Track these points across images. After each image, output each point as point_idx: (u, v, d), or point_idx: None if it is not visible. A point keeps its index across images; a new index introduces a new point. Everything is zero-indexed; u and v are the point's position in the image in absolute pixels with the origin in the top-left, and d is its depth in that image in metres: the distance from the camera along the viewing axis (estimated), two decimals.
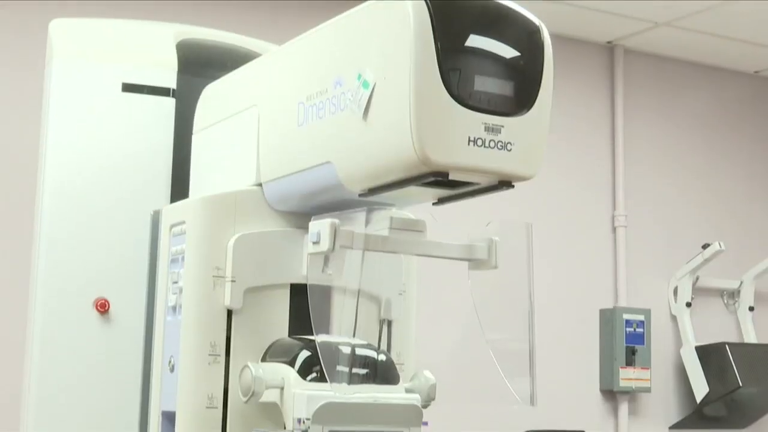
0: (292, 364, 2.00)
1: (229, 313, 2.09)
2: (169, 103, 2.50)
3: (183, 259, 2.13)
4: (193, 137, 2.41)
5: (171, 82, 2.50)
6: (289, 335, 2.12)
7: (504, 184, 1.88)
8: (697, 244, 4.99)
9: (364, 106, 1.84)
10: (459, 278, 2.08)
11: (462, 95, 1.77)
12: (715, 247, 4.91)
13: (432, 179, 1.80)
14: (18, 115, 4.00)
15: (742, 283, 5.25)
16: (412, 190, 1.89)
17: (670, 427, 4.96)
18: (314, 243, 1.93)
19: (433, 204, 2.02)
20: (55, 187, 2.44)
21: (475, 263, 2.06)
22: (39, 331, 2.40)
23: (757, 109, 5.61)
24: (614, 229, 4.98)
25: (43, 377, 2.38)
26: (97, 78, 2.48)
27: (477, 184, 1.88)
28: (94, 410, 2.39)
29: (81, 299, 2.41)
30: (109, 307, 2.42)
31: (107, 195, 2.46)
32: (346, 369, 1.94)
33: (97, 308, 2.42)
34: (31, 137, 2.69)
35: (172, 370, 2.13)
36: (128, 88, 2.49)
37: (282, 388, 1.97)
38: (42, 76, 2.55)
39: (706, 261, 4.96)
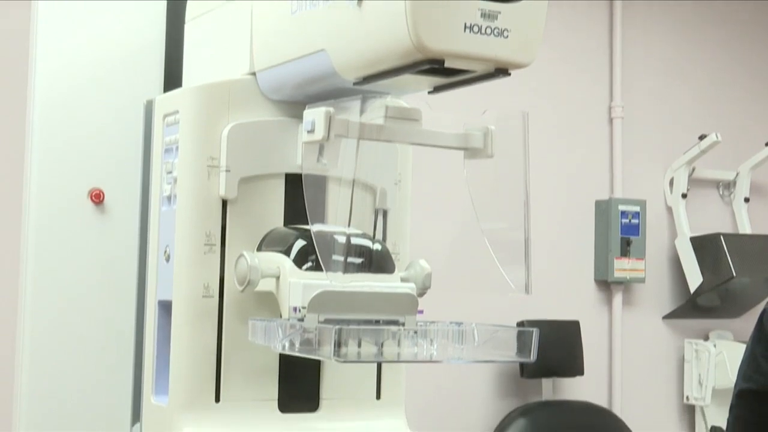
0: (287, 253, 2.00)
1: (224, 203, 2.08)
2: None
3: (177, 149, 2.12)
4: (186, 26, 2.38)
5: None
6: (284, 225, 2.12)
7: (500, 71, 1.85)
8: (694, 135, 4.97)
9: None
10: (455, 168, 2.08)
11: None
12: (711, 138, 4.90)
13: (427, 67, 1.78)
14: (7, 7, 3.94)
15: (738, 174, 5.25)
16: (408, 78, 1.87)
17: (664, 317, 5.01)
18: (309, 132, 1.92)
19: (429, 92, 2.00)
20: (47, 78, 2.42)
21: (470, 152, 2.05)
22: (34, 223, 2.40)
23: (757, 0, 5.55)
24: (611, 120, 4.96)
25: (39, 269, 2.39)
26: None
27: (473, 71, 1.86)
28: (91, 300, 2.40)
29: (75, 190, 2.41)
30: (103, 197, 2.42)
31: (99, 85, 2.44)
32: (342, 258, 1.94)
33: (91, 199, 2.41)
34: (20, 31, 2.65)
35: (167, 259, 2.13)
36: None
37: (278, 278, 1.98)
38: None
39: (703, 152, 4.95)
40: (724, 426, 4.14)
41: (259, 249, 2.08)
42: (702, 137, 4.94)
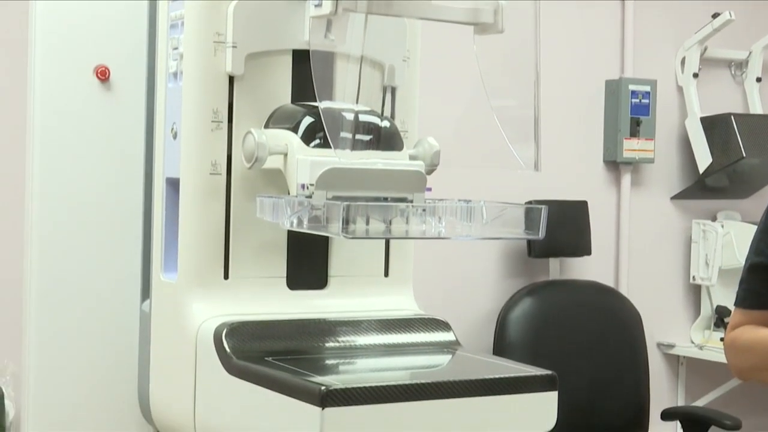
0: (295, 130, 1.99)
1: (231, 79, 2.06)
2: None
3: (182, 24, 2.09)
4: None
5: None
6: (291, 102, 2.10)
7: None
8: (707, 13, 4.90)
9: None
10: (464, 44, 2.05)
11: None
12: (725, 16, 4.82)
13: None
14: None
15: (750, 53, 5.18)
16: None
17: (672, 197, 5.01)
18: (316, 6, 1.89)
19: None
20: None
21: (480, 27, 2.02)
22: (39, 101, 2.38)
23: None
24: None
25: (45, 147, 2.38)
26: None
27: None
28: (98, 177, 2.39)
29: (80, 67, 2.38)
30: (109, 74, 2.39)
31: None
32: (350, 135, 1.93)
33: (97, 76, 2.39)
34: None
35: (174, 137, 2.12)
36: None
37: (285, 155, 1.97)
38: None
39: (716, 31, 4.87)
40: (729, 306, 4.17)
41: (266, 126, 2.07)
42: (715, 15, 4.87)
